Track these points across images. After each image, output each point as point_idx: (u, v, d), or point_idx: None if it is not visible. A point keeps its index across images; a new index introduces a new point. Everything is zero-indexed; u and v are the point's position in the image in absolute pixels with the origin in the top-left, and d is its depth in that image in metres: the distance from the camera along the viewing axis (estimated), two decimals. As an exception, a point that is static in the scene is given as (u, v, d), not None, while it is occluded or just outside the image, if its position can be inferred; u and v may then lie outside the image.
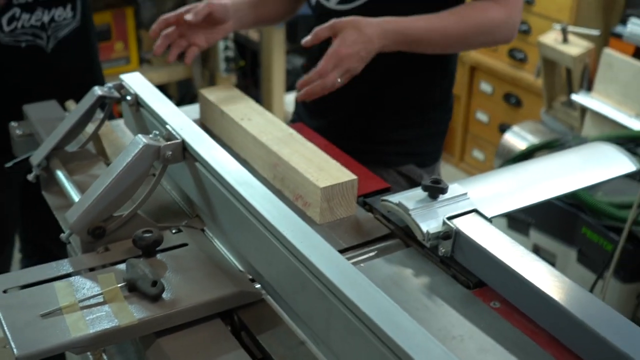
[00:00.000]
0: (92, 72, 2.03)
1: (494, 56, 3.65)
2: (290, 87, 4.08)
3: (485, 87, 3.78)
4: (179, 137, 1.15)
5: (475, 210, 1.19)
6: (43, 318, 0.98)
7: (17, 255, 2.35)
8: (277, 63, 3.86)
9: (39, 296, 1.02)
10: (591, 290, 2.31)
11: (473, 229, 1.14)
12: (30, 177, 1.34)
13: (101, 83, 1.44)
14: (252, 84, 4.04)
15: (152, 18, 3.99)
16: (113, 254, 1.14)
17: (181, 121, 1.19)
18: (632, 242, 2.26)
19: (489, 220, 1.20)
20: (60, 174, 1.29)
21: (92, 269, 1.11)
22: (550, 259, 2.58)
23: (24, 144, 1.55)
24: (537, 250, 2.63)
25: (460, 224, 1.15)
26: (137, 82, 1.36)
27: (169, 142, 1.14)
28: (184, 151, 1.15)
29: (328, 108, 1.80)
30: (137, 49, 3.76)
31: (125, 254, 1.12)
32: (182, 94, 4.05)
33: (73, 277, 1.07)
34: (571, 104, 3.01)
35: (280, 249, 0.93)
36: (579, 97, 2.90)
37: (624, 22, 2.82)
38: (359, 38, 1.47)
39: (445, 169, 4.08)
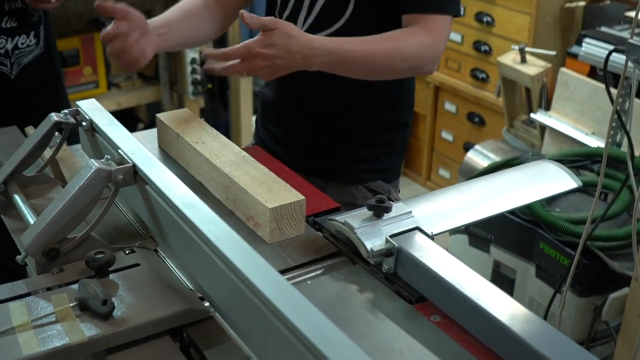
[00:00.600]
0: (56, 96, 2.07)
1: (457, 76, 3.72)
2: (257, 110, 4.13)
3: (450, 106, 3.85)
4: (130, 161, 1.19)
5: (417, 228, 1.24)
6: (-4, 337, 1.01)
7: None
8: (245, 85, 3.91)
9: (-7, 316, 1.06)
10: (549, 305, 2.37)
11: (414, 246, 1.19)
12: (-14, 202, 1.38)
13: (66, 107, 1.47)
14: (220, 106, 4.08)
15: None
16: (67, 274, 1.17)
17: (133, 146, 1.24)
18: (588, 257, 2.33)
19: (431, 237, 1.25)
20: (17, 198, 1.33)
21: (49, 289, 1.15)
22: (510, 274, 2.64)
23: (-16, 169, 1.58)
24: (497, 266, 2.69)
25: (402, 241, 1.20)
26: (93, 108, 1.40)
27: (120, 166, 1.18)
28: (135, 175, 1.19)
29: (292, 130, 1.84)
30: (106, 73, 3.79)
31: (78, 275, 1.16)
32: (151, 117, 4.09)
33: (28, 298, 1.11)
34: (531, 123, 3.09)
35: (222, 267, 0.97)
36: (538, 116, 2.98)
37: (579, 42, 2.90)
38: (281, 47, 1.45)
39: (412, 188, 4.13)
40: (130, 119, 4.19)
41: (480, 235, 2.71)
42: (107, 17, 1.57)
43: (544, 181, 1.48)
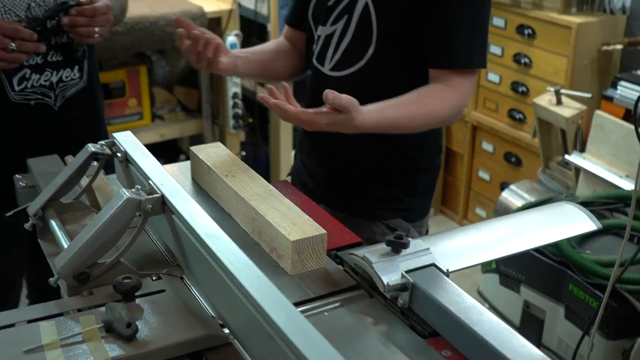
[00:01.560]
0: (97, 129, 2.15)
1: (494, 116, 3.75)
2: (297, 144, 4.19)
3: (487, 146, 3.88)
4: (159, 191, 1.25)
5: (433, 265, 1.28)
6: (26, 354, 1.07)
7: (25, 301, 2.46)
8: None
9: (25, 334, 1.12)
10: (577, 347, 2.36)
11: (429, 282, 1.23)
12: (26, 225, 1.45)
13: (105, 139, 1.55)
14: (260, 140, 4.16)
15: (164, 76, 4.15)
16: (96, 297, 1.23)
17: (162, 177, 1.30)
18: (617, 300, 2.33)
19: (447, 274, 1.28)
20: (53, 224, 1.40)
21: (79, 310, 1.21)
22: (539, 314, 2.64)
23: (26, 195, 1.66)
24: (527, 306, 2.70)
25: (417, 277, 1.24)
26: (128, 141, 1.47)
27: (149, 196, 1.24)
28: (163, 205, 1.25)
29: (320, 163, 1.93)
30: (150, 105, 3.90)
31: (107, 298, 1.22)
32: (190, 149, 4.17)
33: (57, 318, 1.17)
34: (566, 164, 3.10)
35: (239, 296, 1.02)
36: (572, 158, 3.00)
37: (615, 85, 2.92)
38: (342, 125, 1.56)
39: (448, 226, 4.15)
40: (172, 151, 4.29)
41: (510, 275, 2.72)
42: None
43: (563, 222, 1.50)
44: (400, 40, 1.74)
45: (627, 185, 2.72)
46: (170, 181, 1.28)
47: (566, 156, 3.02)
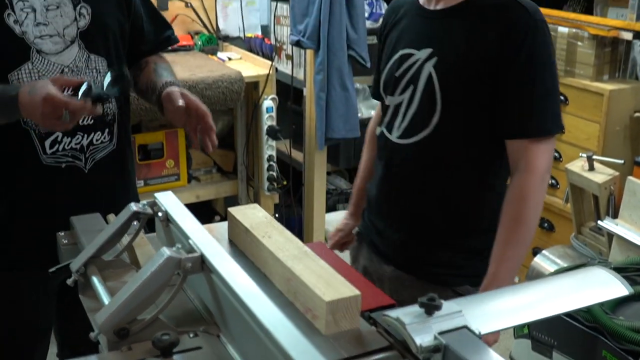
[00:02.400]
0: (126, 190, 2.16)
1: (527, 181, 3.76)
2: (331, 208, 4.24)
3: (520, 210, 3.88)
4: (198, 251, 1.30)
5: (465, 327, 1.30)
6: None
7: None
8: (319, 183, 4.03)
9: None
10: (611, 414, 2.33)
11: (461, 343, 1.25)
12: (69, 281, 1.49)
13: (135, 200, 1.58)
14: (294, 203, 4.20)
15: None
16: (135, 353, 1.27)
17: (202, 237, 1.34)
18: (651, 367, 2.30)
19: (479, 336, 1.30)
20: (95, 280, 1.44)
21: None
22: (573, 381, 2.61)
23: (68, 252, 1.71)
24: (560, 372, 2.67)
25: (449, 338, 1.25)
26: (169, 201, 1.52)
27: (189, 255, 1.29)
28: (202, 264, 1.30)
29: (393, 227, 2.01)
30: (187, 167, 3.98)
31: (145, 354, 1.25)
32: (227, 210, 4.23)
33: (98, 372, 1.21)
34: (599, 230, 3.10)
35: (276, 354, 1.05)
36: (605, 223, 2.99)
37: (647, 152, 2.94)
38: None
39: (480, 290, 4.13)
40: (207, 211, 4.35)
41: (542, 340, 2.70)
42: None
43: (595, 287, 1.51)
44: (465, 108, 1.81)
45: (661, 252, 2.71)
46: (210, 241, 1.32)
47: (599, 222, 3.02)
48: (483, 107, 1.79)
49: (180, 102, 1.92)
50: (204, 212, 4.31)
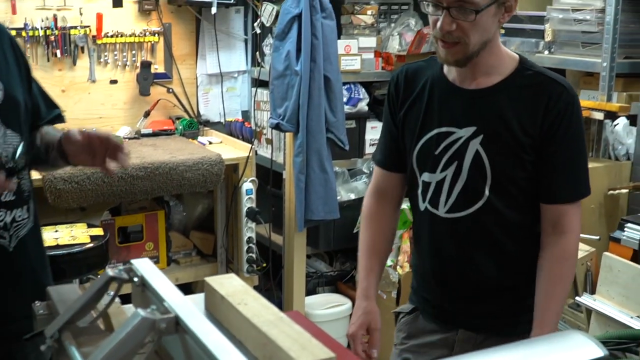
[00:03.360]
0: (46, 269, 2.08)
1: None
2: (310, 291, 4.22)
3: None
4: (173, 312, 1.30)
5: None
6: None
7: None
8: (299, 266, 4.03)
9: None
10: None
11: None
12: (42, 347, 1.48)
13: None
14: (273, 285, 4.19)
15: (181, 221, 4.25)
16: (108, 417, 1.25)
17: (177, 299, 1.35)
18: None
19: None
20: (69, 345, 1.43)
21: None
22: None
23: (45, 322, 1.69)
24: None
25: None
26: (145, 266, 1.52)
27: (164, 316, 1.29)
28: (177, 325, 1.29)
29: (451, 295, 2.12)
30: (166, 250, 3.98)
31: (118, 418, 1.24)
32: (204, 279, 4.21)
33: None
34: (577, 306, 3.11)
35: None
36: (583, 299, 3.01)
37: (621, 227, 2.98)
38: None
39: None
40: (186, 294, 4.31)
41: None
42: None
43: (568, 349, 1.52)
44: (513, 180, 1.93)
45: (639, 325, 2.72)
46: (185, 302, 1.33)
47: (577, 298, 3.04)
48: (530, 177, 1.93)
49: (79, 137, 1.87)
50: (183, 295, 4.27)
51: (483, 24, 1.85)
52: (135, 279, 1.50)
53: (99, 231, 3.29)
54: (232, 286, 1.70)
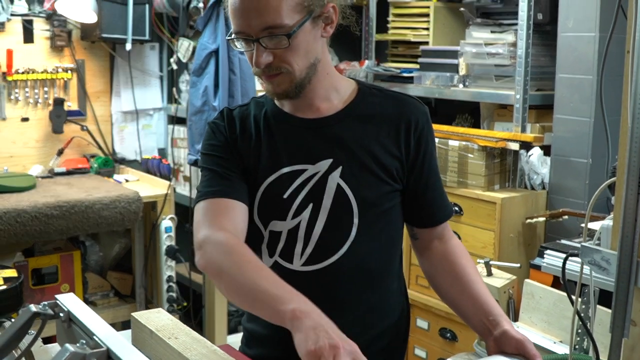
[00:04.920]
0: None
1: (428, 292, 3.81)
2: (232, 329, 4.16)
3: (422, 323, 3.91)
4: (104, 345, 1.24)
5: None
6: None
7: None
8: (220, 305, 3.97)
9: None
10: None
11: None
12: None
13: None
14: (194, 325, 4.11)
15: (97, 261, 4.13)
16: None
17: (107, 332, 1.29)
18: None
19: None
20: (-10, 388, 1.35)
21: None
22: None
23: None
24: None
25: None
26: (70, 301, 1.46)
27: (94, 350, 1.23)
28: (109, 358, 1.24)
29: None
30: (83, 291, 3.85)
31: None
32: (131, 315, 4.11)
33: None
34: (501, 334, 3.14)
35: None
36: (506, 327, 3.04)
37: (541, 255, 3.03)
38: None
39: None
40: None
41: None
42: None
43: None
44: (381, 211, 1.74)
45: (561, 350, 2.75)
46: (115, 335, 1.27)
47: (500, 326, 3.06)
48: (397, 205, 1.78)
49: None
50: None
51: (301, 45, 1.62)
52: (61, 314, 1.44)
53: (12, 272, 3.16)
54: (160, 320, 1.66)
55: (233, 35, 1.63)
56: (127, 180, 4.05)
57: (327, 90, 1.74)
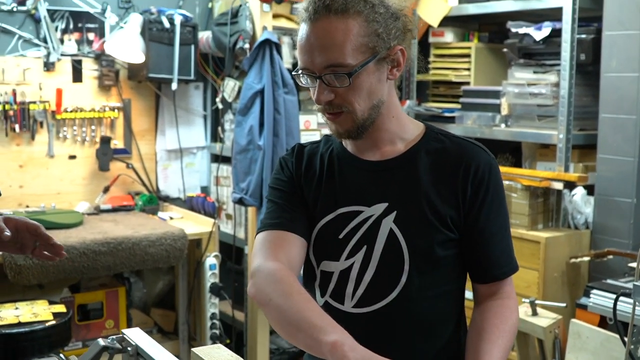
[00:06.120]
0: None
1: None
2: (273, 366, 4.17)
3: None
4: (174, 379, 1.27)
5: None
6: None
7: None
8: (262, 343, 3.98)
9: None
10: None
11: None
12: None
13: None
14: (237, 361, 4.12)
15: (141, 297, 4.18)
16: None
17: (177, 366, 1.32)
18: None
19: None
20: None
21: None
22: None
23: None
24: None
25: None
26: (137, 335, 1.50)
27: (165, 384, 1.26)
28: (179, 392, 1.27)
29: None
30: (127, 327, 3.88)
31: None
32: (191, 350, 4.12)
33: None
34: (547, 374, 3.12)
35: None
36: (552, 367, 3.02)
37: (587, 294, 3.03)
38: None
39: None
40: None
41: None
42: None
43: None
44: (435, 260, 1.68)
45: (610, 392, 2.74)
46: (186, 369, 1.30)
47: (546, 366, 3.05)
48: (452, 255, 1.70)
49: (7, 232, 1.77)
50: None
51: (364, 86, 1.62)
52: (129, 348, 1.47)
53: (61, 308, 3.22)
54: (221, 356, 1.68)
55: (299, 71, 1.66)
56: (171, 218, 4.10)
57: (392, 134, 1.73)
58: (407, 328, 1.68)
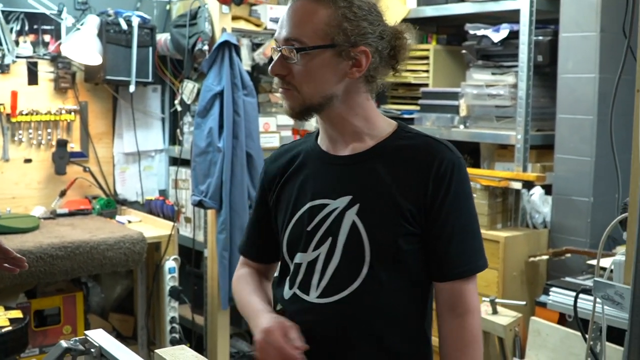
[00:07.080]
0: None
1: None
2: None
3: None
4: (140, 379, 1.25)
5: None
6: None
7: None
8: (222, 346, 3.95)
9: None
10: None
11: None
12: None
13: None
14: (197, 365, 4.09)
15: (99, 302, 4.12)
16: None
17: (143, 366, 1.30)
18: None
19: None
20: None
21: None
22: None
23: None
24: None
25: None
26: (101, 337, 1.48)
27: (131, 384, 1.24)
28: (145, 392, 1.25)
29: None
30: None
31: None
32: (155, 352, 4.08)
33: None
34: (506, 373, 3.15)
35: None
36: (513, 365, 3.05)
37: (546, 292, 3.06)
38: None
39: None
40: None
41: None
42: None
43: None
44: (395, 254, 1.68)
45: (570, 389, 2.77)
46: (151, 369, 1.28)
47: (506, 364, 3.08)
48: (414, 251, 1.70)
49: None
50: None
51: (315, 71, 1.66)
52: (93, 350, 1.45)
53: (17, 314, 3.16)
54: (186, 358, 1.66)
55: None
56: (129, 222, 4.06)
57: (359, 129, 1.75)
58: (369, 319, 1.70)
